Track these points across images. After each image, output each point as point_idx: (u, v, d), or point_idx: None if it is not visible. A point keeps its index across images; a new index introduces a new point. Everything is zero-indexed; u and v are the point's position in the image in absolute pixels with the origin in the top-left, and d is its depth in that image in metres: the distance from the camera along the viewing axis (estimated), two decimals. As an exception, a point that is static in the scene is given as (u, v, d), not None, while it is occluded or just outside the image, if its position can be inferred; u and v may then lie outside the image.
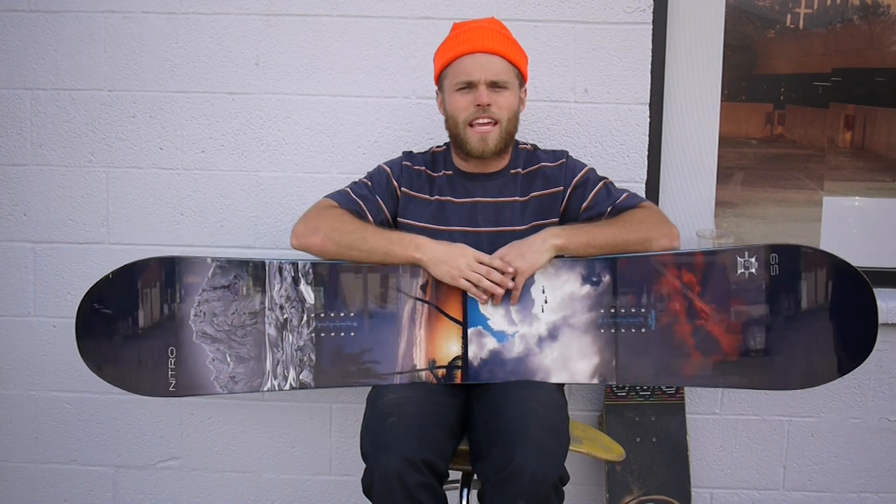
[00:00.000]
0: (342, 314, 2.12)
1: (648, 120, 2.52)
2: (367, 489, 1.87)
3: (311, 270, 2.14)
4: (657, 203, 2.58)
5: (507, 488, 1.82)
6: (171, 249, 2.58)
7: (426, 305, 2.10)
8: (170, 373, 2.16)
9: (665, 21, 2.51)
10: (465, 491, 2.08)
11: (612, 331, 2.10)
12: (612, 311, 2.10)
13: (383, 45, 2.51)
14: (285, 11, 2.51)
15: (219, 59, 2.53)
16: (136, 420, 2.68)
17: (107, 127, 2.57)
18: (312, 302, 2.13)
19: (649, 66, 2.50)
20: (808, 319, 2.06)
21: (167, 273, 2.17)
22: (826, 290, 2.06)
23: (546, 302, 2.10)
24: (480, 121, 2.12)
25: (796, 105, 2.63)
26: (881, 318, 2.31)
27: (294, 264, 2.15)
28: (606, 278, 2.10)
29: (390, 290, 2.11)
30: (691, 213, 2.62)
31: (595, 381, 2.11)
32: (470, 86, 2.12)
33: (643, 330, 2.10)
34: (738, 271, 2.08)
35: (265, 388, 2.15)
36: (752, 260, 2.08)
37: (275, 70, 2.53)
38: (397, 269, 2.12)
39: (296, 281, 2.14)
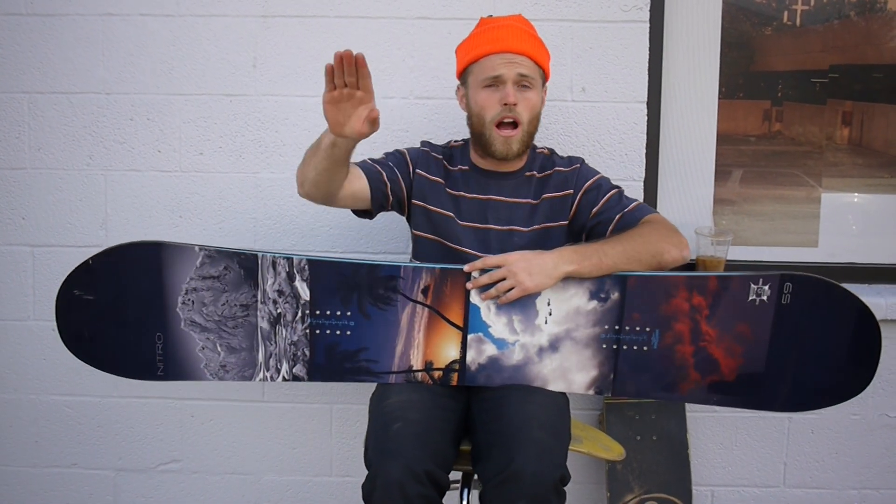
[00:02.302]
0: (338, 313, 2.09)
1: (646, 118, 2.52)
2: (367, 496, 1.86)
3: (306, 267, 2.09)
4: (656, 201, 2.58)
5: (507, 489, 1.82)
6: (170, 252, 2.59)
7: (426, 309, 2.08)
8: (157, 357, 2.11)
9: (662, 19, 2.51)
10: (466, 491, 2.08)
11: (614, 347, 2.07)
12: (617, 328, 2.07)
13: (381, 46, 2.51)
14: (282, 13, 2.51)
15: (216, 62, 2.53)
16: (137, 423, 2.68)
17: (105, 130, 2.57)
18: (307, 299, 2.11)
19: (647, 65, 2.50)
20: (809, 349, 2.04)
21: (151, 258, 2.10)
22: (832, 322, 2.04)
23: (550, 314, 2.07)
24: (506, 120, 2.11)
25: (794, 102, 2.64)
26: (881, 315, 2.32)
27: (289, 259, 2.09)
28: (615, 295, 2.06)
29: (390, 293, 2.09)
30: (690, 211, 2.62)
31: (591, 392, 2.09)
32: (497, 82, 2.11)
33: (645, 348, 2.07)
34: (750, 297, 2.05)
35: (257, 379, 2.11)
36: (766, 287, 2.05)
37: (272, 72, 2.53)
38: (398, 271, 2.08)
39: (290, 277, 2.10)
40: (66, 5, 2.52)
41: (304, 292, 2.10)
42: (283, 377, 2.11)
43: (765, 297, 2.04)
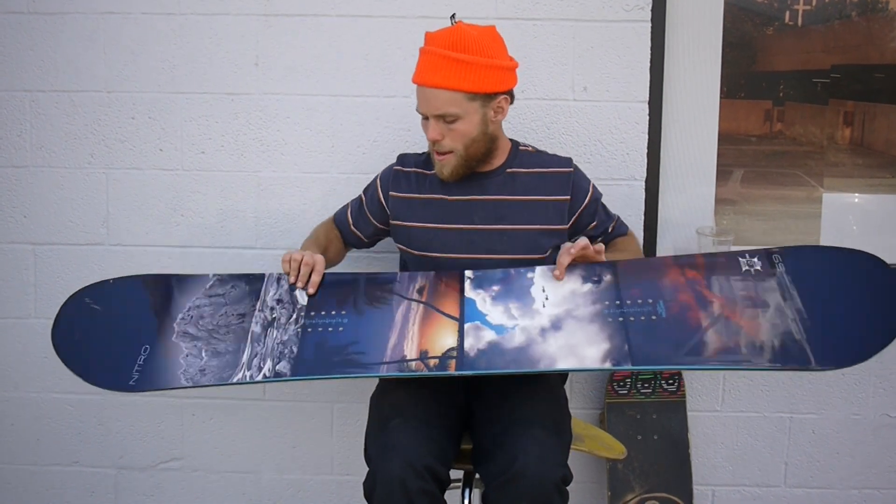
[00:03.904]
0: (333, 312, 2.07)
1: (648, 118, 2.52)
2: (369, 493, 1.86)
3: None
4: (658, 201, 2.58)
5: (510, 490, 1.81)
6: (171, 250, 2.58)
7: (421, 305, 2.08)
8: (136, 367, 2.03)
9: (664, 19, 2.51)
10: (468, 490, 2.07)
11: (621, 319, 1.99)
12: (618, 303, 2.02)
13: (382, 45, 2.51)
14: (284, 11, 2.51)
15: (218, 60, 2.53)
16: (138, 421, 2.68)
17: (106, 128, 2.57)
18: (304, 303, 2.10)
19: (648, 64, 2.50)
20: (827, 307, 1.96)
21: (165, 289, 2.13)
22: (839, 278, 1.99)
23: (547, 299, 2.05)
24: (437, 151, 2.11)
25: (795, 102, 2.63)
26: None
27: None
28: (608, 277, 2.05)
29: (385, 294, 2.09)
30: (691, 210, 2.62)
31: (608, 364, 1.93)
32: (423, 115, 2.09)
33: (653, 318, 1.98)
34: (743, 269, 2.05)
35: (234, 381, 1.99)
36: (755, 260, 2.05)
37: (274, 70, 2.53)
38: (395, 275, 2.10)
39: (292, 287, 2.11)
40: (67, 3, 2.52)
41: (303, 298, 2.09)
42: (264, 375, 1.98)
43: (758, 268, 2.03)
